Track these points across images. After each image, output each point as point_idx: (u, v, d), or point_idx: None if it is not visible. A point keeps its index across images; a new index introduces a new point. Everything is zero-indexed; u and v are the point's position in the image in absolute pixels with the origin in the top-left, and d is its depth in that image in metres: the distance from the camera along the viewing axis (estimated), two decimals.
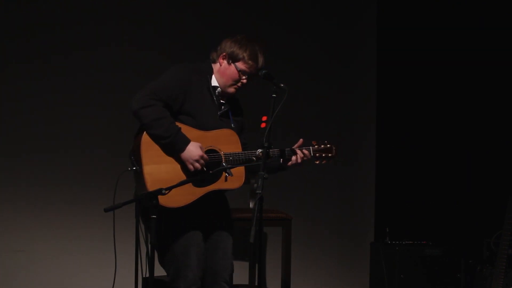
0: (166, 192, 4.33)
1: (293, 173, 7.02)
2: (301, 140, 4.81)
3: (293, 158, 4.77)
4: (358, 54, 7.68)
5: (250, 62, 4.66)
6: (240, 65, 4.67)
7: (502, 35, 7.28)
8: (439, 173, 7.54)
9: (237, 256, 6.38)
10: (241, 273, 6.64)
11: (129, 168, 4.51)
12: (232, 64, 4.66)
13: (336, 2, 7.62)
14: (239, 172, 4.63)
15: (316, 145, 4.83)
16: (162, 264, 4.67)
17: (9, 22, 6.75)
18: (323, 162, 4.87)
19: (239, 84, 4.70)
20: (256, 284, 6.05)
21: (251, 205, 6.31)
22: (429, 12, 7.57)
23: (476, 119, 7.43)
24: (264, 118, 4.70)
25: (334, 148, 4.86)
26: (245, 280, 6.46)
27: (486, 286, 5.93)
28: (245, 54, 4.65)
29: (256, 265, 5.76)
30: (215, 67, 4.71)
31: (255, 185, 4.23)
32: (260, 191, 4.15)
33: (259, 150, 4.58)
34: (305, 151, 4.78)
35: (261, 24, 7.25)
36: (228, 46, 4.67)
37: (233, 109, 4.79)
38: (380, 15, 7.70)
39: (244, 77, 4.68)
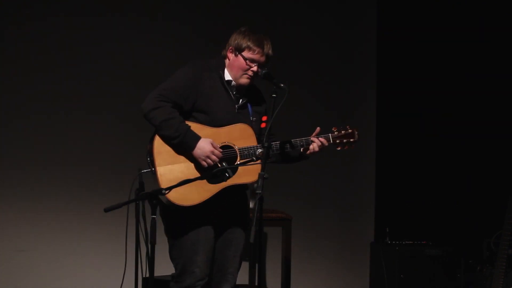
0: (166, 192, 4.35)
1: (293, 173, 7.08)
2: (318, 128, 4.77)
3: (311, 147, 4.72)
4: (358, 50, 7.68)
5: (255, 48, 4.66)
6: (246, 53, 4.67)
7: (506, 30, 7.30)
8: (439, 173, 7.54)
9: None
10: (241, 273, 6.64)
11: (144, 170, 4.52)
12: (239, 55, 4.68)
13: None
14: (255, 165, 4.57)
15: (336, 131, 4.79)
16: (171, 258, 4.69)
17: (10, 21, 6.76)
18: (345, 148, 4.81)
19: (249, 73, 4.68)
20: (256, 284, 6.05)
21: (251, 205, 6.31)
22: (431, 6, 7.57)
23: (476, 119, 7.43)
24: (264, 118, 4.71)
25: (356, 132, 4.82)
26: (245, 280, 6.46)
27: (486, 286, 5.94)
28: (249, 43, 4.66)
29: (256, 265, 5.76)
30: (226, 62, 4.74)
31: (255, 185, 4.24)
32: (260, 191, 4.15)
33: (259, 150, 4.58)
34: (322, 139, 4.74)
35: (262, 17, 7.26)
36: (233, 39, 4.71)
37: (253, 100, 4.78)
38: (380, 12, 7.71)
39: (253, 65, 4.68)
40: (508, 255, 5.83)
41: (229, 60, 4.71)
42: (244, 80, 4.70)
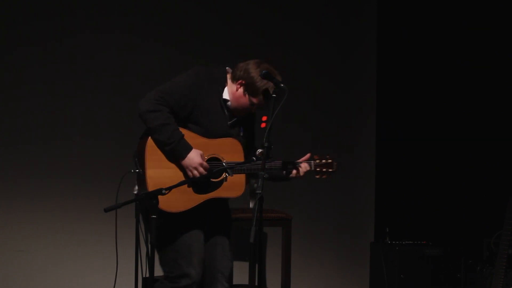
0: (166, 192, 4.36)
1: None
2: (309, 154, 4.85)
3: (294, 171, 4.82)
4: (358, 51, 7.68)
5: (265, 101, 4.68)
6: (255, 100, 4.69)
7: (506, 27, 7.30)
8: (439, 173, 7.53)
9: (237, 256, 6.39)
10: (241, 273, 6.64)
11: (132, 170, 4.55)
12: (248, 96, 4.68)
13: None
14: (239, 181, 4.68)
15: (317, 159, 4.87)
16: (163, 263, 4.71)
17: (13, 23, 6.76)
18: (323, 177, 4.90)
19: (248, 111, 4.75)
20: (256, 284, 6.05)
21: (251, 205, 6.31)
22: (430, 5, 7.57)
23: (477, 119, 7.42)
24: (264, 118, 4.71)
25: (335, 163, 4.89)
26: (245, 280, 6.46)
27: (486, 286, 5.93)
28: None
29: (256, 265, 5.76)
30: (230, 86, 4.72)
31: (255, 185, 4.25)
32: (260, 191, 4.16)
33: (259, 150, 4.59)
34: (306, 165, 4.83)
35: (262, 17, 7.27)
36: (248, 76, 4.66)
37: (243, 118, 4.82)
38: (380, 9, 7.71)
39: (255, 107, 4.73)
40: (508, 255, 5.83)
41: (236, 90, 4.68)
42: (241, 114, 4.75)
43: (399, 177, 7.59)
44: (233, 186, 4.68)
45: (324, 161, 4.86)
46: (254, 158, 4.62)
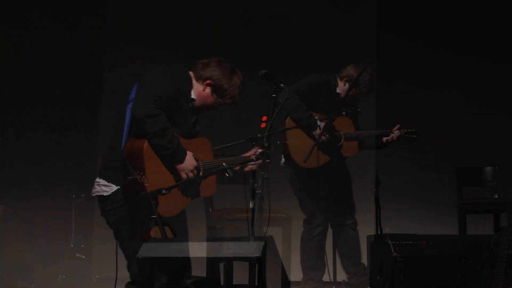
0: (166, 192, 4.37)
1: None
2: (253, 149, 4.87)
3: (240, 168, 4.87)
4: (358, 47, 7.70)
5: (230, 100, 4.77)
6: (221, 99, 4.76)
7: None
8: (439, 173, 7.54)
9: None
10: (241, 273, 6.65)
11: (130, 177, 4.50)
12: (215, 96, 4.74)
13: None
14: (211, 179, 4.74)
15: (254, 155, 4.89)
16: (130, 267, 4.72)
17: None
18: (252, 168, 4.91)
19: (213, 110, 4.83)
20: (256, 284, 6.05)
21: (251, 205, 6.31)
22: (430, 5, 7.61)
23: (477, 117, 7.43)
24: (264, 118, 4.72)
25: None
26: (245, 280, 6.46)
27: (486, 286, 5.93)
28: (231, 93, 4.76)
29: (256, 265, 5.77)
30: (197, 86, 4.78)
31: (255, 185, 4.24)
32: (260, 191, 4.17)
33: (259, 150, 4.60)
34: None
35: (261, 22, 7.29)
36: (216, 77, 4.75)
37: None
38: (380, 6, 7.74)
39: (221, 106, 4.80)
40: (508, 255, 5.83)
41: (202, 90, 4.75)
42: (204, 113, 4.82)
43: (399, 177, 7.59)
44: (207, 185, 4.73)
45: (259, 155, 4.88)
46: (253, 158, 4.63)
